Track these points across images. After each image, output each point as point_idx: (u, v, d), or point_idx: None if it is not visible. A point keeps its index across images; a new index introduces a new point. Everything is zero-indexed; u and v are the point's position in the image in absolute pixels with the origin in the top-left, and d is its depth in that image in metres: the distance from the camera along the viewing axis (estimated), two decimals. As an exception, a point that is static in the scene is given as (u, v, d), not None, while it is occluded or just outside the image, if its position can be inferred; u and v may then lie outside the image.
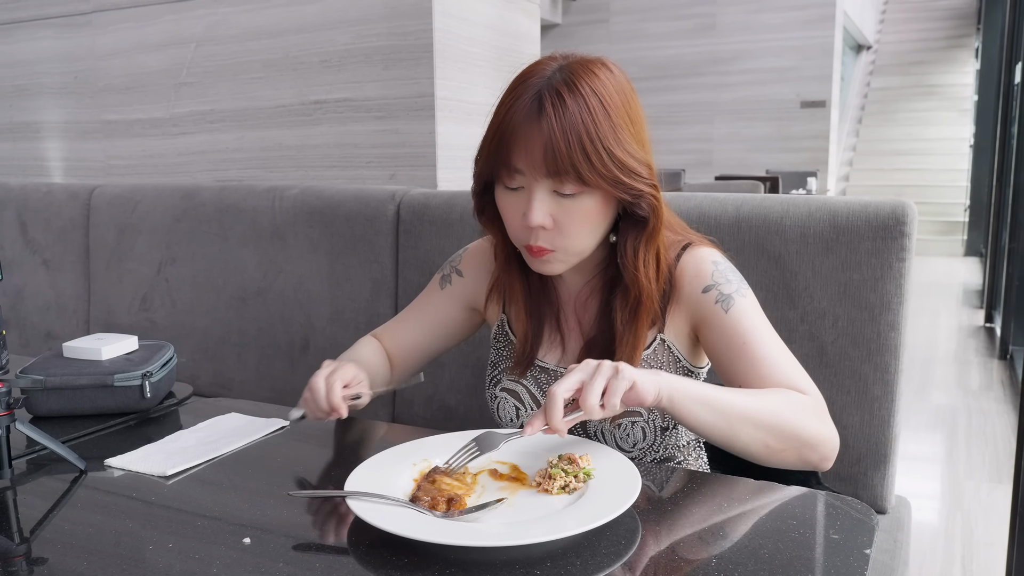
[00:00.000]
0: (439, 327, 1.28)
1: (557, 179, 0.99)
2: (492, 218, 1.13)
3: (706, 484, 0.93)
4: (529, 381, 1.17)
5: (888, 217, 1.29)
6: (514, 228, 1.06)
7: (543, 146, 0.97)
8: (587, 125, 0.97)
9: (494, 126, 1.02)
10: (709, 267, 1.08)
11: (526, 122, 0.98)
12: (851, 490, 1.32)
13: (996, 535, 2.61)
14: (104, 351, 1.25)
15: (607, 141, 0.98)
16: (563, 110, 0.97)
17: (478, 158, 1.07)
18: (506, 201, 1.05)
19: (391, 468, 0.91)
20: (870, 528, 0.79)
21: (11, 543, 0.82)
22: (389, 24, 2.11)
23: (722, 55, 7.42)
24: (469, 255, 1.28)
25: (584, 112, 0.97)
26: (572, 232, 1.02)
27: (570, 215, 1.01)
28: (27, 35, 2.78)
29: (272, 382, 1.92)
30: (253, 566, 0.74)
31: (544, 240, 1.03)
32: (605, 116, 0.98)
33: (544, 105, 0.97)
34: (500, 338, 1.23)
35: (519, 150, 0.99)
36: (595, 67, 1.01)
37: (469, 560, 0.74)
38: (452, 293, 1.27)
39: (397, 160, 2.16)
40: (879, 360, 1.30)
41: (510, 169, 1.01)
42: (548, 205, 1.01)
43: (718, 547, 0.77)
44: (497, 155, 1.01)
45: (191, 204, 2.04)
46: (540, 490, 0.87)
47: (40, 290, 2.32)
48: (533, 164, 0.99)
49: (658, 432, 1.11)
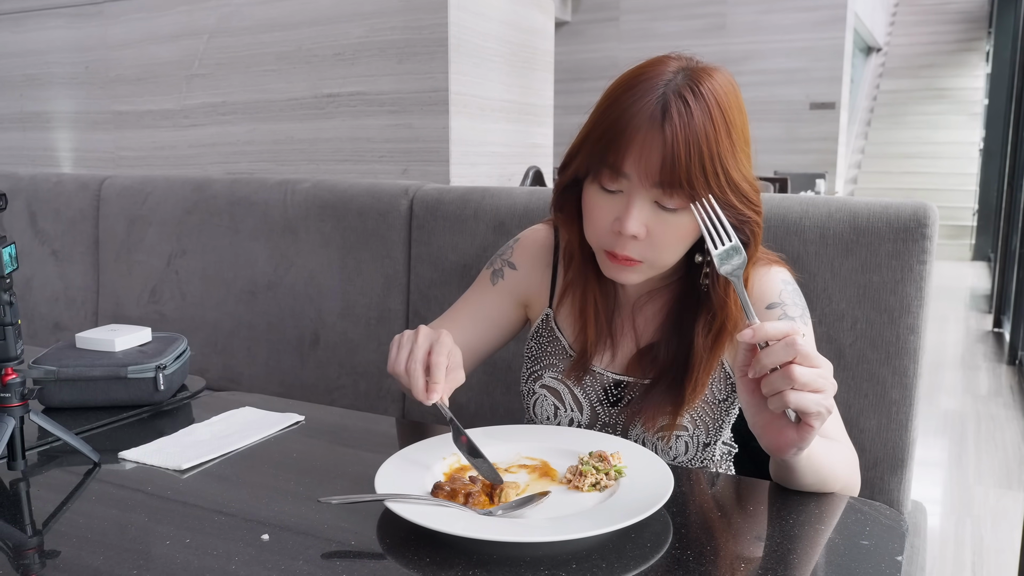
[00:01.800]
0: (492, 326, 1.19)
1: (666, 191, 0.93)
2: (573, 216, 1.07)
3: (733, 487, 0.91)
4: (572, 382, 1.14)
5: (909, 219, 1.27)
6: (600, 231, 1.00)
7: (661, 154, 0.91)
8: (709, 138, 0.91)
9: (605, 122, 0.95)
10: (779, 286, 1.05)
11: (647, 125, 0.92)
12: (867, 494, 1.30)
13: (1006, 541, 2.59)
14: (118, 343, 1.24)
15: (726, 160, 0.93)
16: (689, 118, 0.91)
17: (574, 152, 1.01)
18: (599, 202, 0.99)
19: (420, 465, 0.90)
20: (900, 534, 0.77)
21: (24, 535, 0.81)
22: (404, 18, 2.10)
23: (732, 55, 7.39)
24: (522, 247, 1.20)
25: (708, 124, 0.91)
26: (663, 247, 0.97)
27: (666, 229, 0.96)
28: (38, 24, 2.77)
29: (282, 376, 1.91)
30: (272, 563, 0.73)
31: (633, 250, 0.97)
32: (727, 132, 0.93)
33: (669, 111, 0.91)
34: (544, 334, 1.18)
35: (633, 154, 0.93)
36: (720, 77, 0.96)
37: (495, 557, 0.72)
38: (505, 288, 1.19)
39: (410, 155, 2.15)
40: (897, 363, 1.28)
41: (616, 171, 0.95)
42: (646, 215, 0.95)
43: (746, 551, 0.76)
44: (604, 154, 0.95)
45: (202, 196, 2.03)
46: (570, 487, 0.85)
47: (49, 281, 2.31)
48: (645, 171, 0.93)
49: (700, 447, 1.09)
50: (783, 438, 0.81)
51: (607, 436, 0.97)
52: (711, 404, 1.09)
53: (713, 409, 1.09)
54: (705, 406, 1.09)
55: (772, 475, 0.91)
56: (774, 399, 0.79)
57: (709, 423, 1.09)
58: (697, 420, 1.08)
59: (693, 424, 1.08)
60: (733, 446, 1.19)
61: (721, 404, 1.10)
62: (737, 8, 7.45)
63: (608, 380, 1.12)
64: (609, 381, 1.12)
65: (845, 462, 0.94)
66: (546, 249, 1.18)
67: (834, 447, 0.93)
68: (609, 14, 7.99)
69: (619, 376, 1.12)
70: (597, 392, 1.13)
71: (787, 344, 0.77)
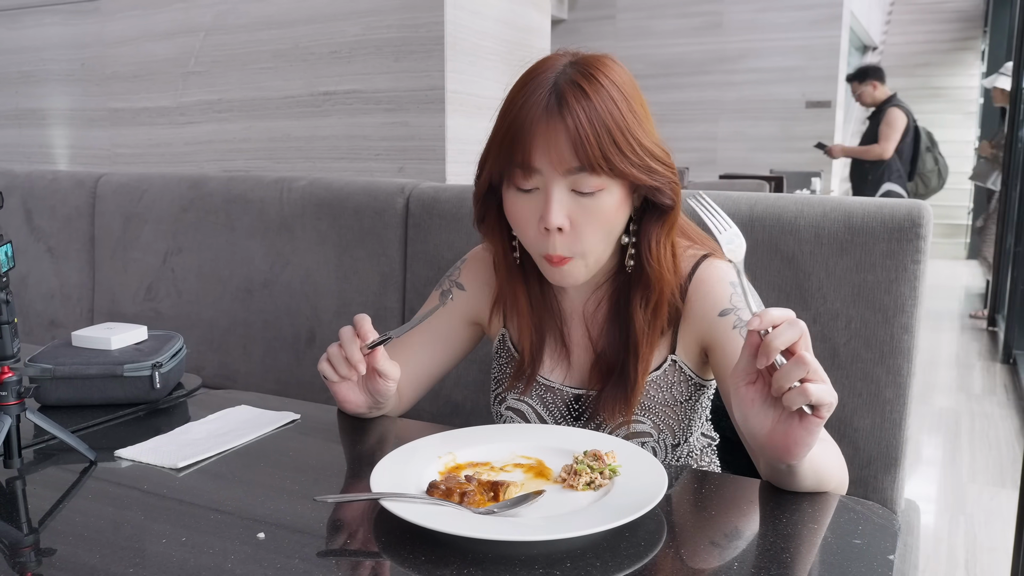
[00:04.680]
0: (444, 346, 1.21)
1: (581, 175, 0.95)
2: (493, 226, 1.09)
3: (725, 486, 0.92)
4: (534, 400, 1.14)
5: (904, 219, 1.28)
6: (530, 235, 1.01)
7: (569, 141, 0.94)
8: (614, 115, 0.95)
9: (504, 124, 0.98)
10: (727, 289, 1.05)
11: (546, 117, 0.95)
12: (861, 493, 1.31)
13: (1000, 540, 2.60)
14: (114, 341, 1.24)
15: (635, 130, 0.96)
16: (587, 102, 0.94)
17: (484, 161, 1.03)
18: (518, 205, 1.00)
19: (416, 463, 0.90)
20: (893, 533, 0.78)
21: (20, 533, 0.81)
22: (400, 16, 2.10)
23: (728, 54, 7.39)
24: (468, 267, 1.22)
25: (609, 102, 0.95)
26: (590, 233, 0.99)
27: (589, 215, 0.98)
28: (34, 21, 2.77)
29: (277, 374, 1.91)
30: (268, 562, 0.73)
31: (562, 247, 0.99)
32: (628, 106, 0.96)
33: (566, 98, 0.94)
34: (502, 353, 1.19)
35: (539, 147, 0.95)
36: (608, 60, 1.00)
37: (490, 556, 0.73)
38: (454, 309, 1.20)
39: (406, 153, 2.15)
40: (891, 363, 1.29)
41: (526, 169, 0.97)
42: (566, 206, 0.97)
43: (739, 550, 0.76)
44: (511, 154, 0.97)
45: (198, 194, 2.03)
46: (565, 486, 0.86)
47: (44, 278, 2.31)
48: (555, 161, 0.95)
49: (669, 449, 1.10)
50: (790, 437, 0.79)
51: (602, 435, 0.98)
52: (672, 406, 1.09)
53: (675, 411, 1.09)
54: (666, 408, 1.09)
55: (767, 478, 0.91)
56: (792, 394, 0.76)
57: (673, 425, 1.09)
58: (660, 424, 1.09)
59: (657, 429, 1.08)
60: (713, 437, 1.19)
61: (683, 405, 1.09)
62: (733, 6, 7.45)
63: (568, 395, 1.12)
64: (569, 396, 1.12)
65: (837, 459, 0.94)
66: (492, 269, 1.18)
67: (826, 445, 0.94)
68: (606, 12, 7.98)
69: (577, 390, 1.12)
70: (560, 408, 1.13)
71: (791, 323, 0.76)
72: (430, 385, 1.23)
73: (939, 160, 5.16)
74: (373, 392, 1.08)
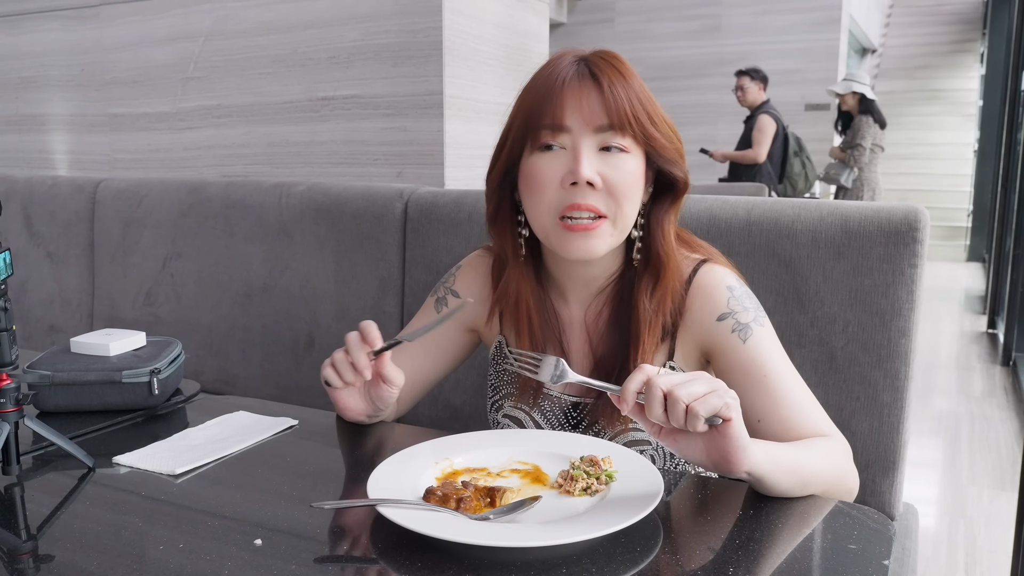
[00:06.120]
0: (440, 353, 1.21)
1: (610, 132, 0.99)
2: (504, 221, 1.10)
3: (721, 492, 0.92)
4: (531, 407, 1.14)
5: (900, 222, 1.28)
6: (549, 196, 1.00)
7: (601, 99, 0.98)
8: (637, 87, 1.01)
9: (530, 97, 1.02)
10: (724, 293, 1.05)
11: (578, 79, 1.00)
12: (859, 497, 1.30)
13: (1000, 542, 2.60)
14: (112, 347, 1.24)
15: (655, 104, 1.03)
16: (616, 72, 1.00)
17: (503, 142, 1.06)
18: (543, 164, 1.01)
19: (412, 469, 0.90)
20: (888, 538, 0.78)
21: (18, 540, 0.82)
22: (399, 21, 2.10)
23: (727, 56, 7.39)
24: (463, 274, 1.22)
25: (633, 78, 1.01)
26: (620, 194, 1.00)
27: (618, 174, 1.00)
28: (34, 27, 2.77)
29: (277, 379, 1.92)
30: (265, 568, 0.73)
31: (594, 199, 0.99)
32: (642, 87, 1.02)
33: (597, 65, 1.00)
34: (499, 360, 1.19)
35: (570, 105, 0.99)
36: (616, 54, 1.05)
37: (486, 562, 0.73)
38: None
39: (405, 158, 2.15)
40: (889, 366, 1.29)
41: (556, 127, 0.99)
42: (596, 163, 0.99)
43: (735, 555, 0.76)
44: (540, 118, 1.00)
45: (197, 199, 2.03)
46: (561, 492, 0.86)
47: (44, 283, 2.31)
48: (587, 118, 0.99)
49: (668, 457, 1.10)
50: (724, 450, 0.82)
51: (598, 441, 0.98)
52: None
53: None
54: None
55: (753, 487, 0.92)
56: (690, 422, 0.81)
57: None
58: None
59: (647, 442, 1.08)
60: None
61: None
62: (732, 10, 7.46)
63: (566, 403, 1.12)
64: (567, 404, 1.12)
65: (827, 460, 0.94)
66: (487, 276, 1.19)
67: (805, 446, 0.94)
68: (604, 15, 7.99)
69: (575, 398, 1.12)
70: (557, 416, 1.13)
71: (649, 387, 0.82)
72: (426, 391, 1.24)
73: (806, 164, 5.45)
74: (375, 399, 1.08)
